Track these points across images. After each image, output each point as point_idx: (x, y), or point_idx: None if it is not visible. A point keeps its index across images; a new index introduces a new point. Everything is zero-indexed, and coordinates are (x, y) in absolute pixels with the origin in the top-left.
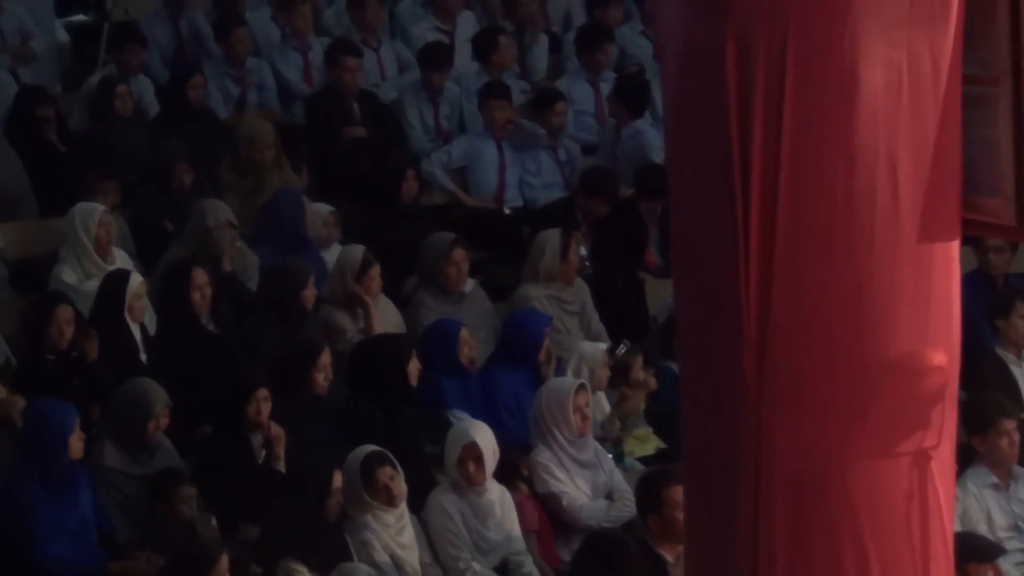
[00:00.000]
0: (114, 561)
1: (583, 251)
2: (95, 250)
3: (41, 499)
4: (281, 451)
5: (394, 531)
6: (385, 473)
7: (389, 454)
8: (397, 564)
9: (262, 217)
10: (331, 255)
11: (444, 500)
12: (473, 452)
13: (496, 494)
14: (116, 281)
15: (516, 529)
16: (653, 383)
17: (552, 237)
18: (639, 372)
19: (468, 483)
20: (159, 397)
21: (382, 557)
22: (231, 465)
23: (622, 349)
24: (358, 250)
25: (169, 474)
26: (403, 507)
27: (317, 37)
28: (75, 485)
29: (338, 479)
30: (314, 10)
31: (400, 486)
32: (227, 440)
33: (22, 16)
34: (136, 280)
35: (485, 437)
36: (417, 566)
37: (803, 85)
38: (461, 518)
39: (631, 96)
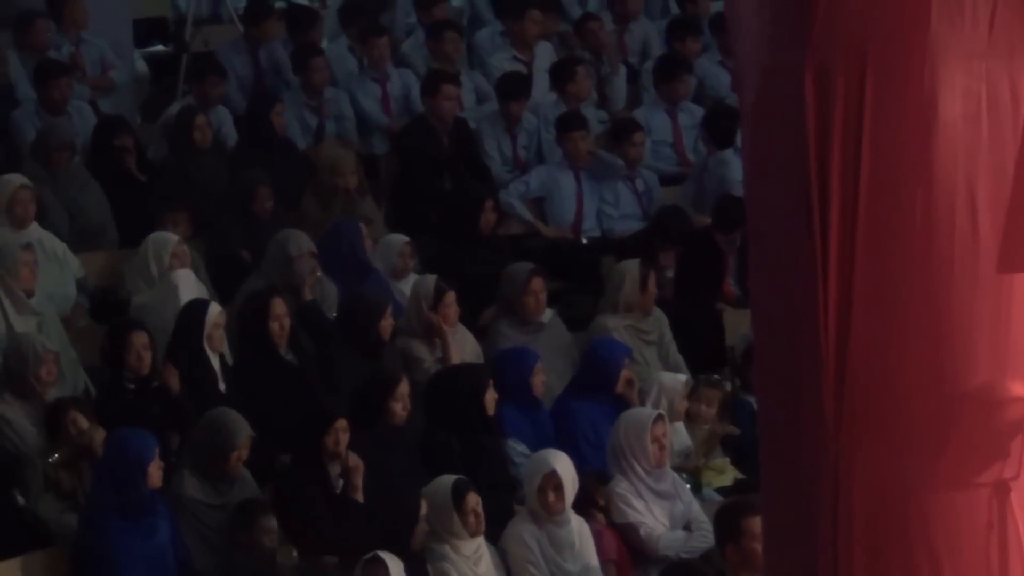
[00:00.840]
0: None
1: (669, 274)
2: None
3: (120, 528)
4: (359, 481)
5: (472, 561)
6: (473, 500)
7: (471, 482)
8: None
9: (324, 245)
10: (407, 285)
11: (522, 530)
12: (553, 481)
13: (575, 524)
14: (195, 310)
15: (594, 559)
16: (727, 426)
17: (631, 268)
18: (718, 407)
19: (547, 512)
20: (242, 428)
21: None
22: (309, 495)
23: (708, 379)
24: (431, 279)
25: (250, 505)
26: (481, 537)
27: (395, 68)
28: (154, 514)
29: (423, 508)
30: (392, 41)
31: (482, 517)
32: (305, 470)
33: (102, 47)
34: (215, 310)
35: (565, 466)
36: None
37: (882, 115)
38: (539, 548)
39: (718, 126)
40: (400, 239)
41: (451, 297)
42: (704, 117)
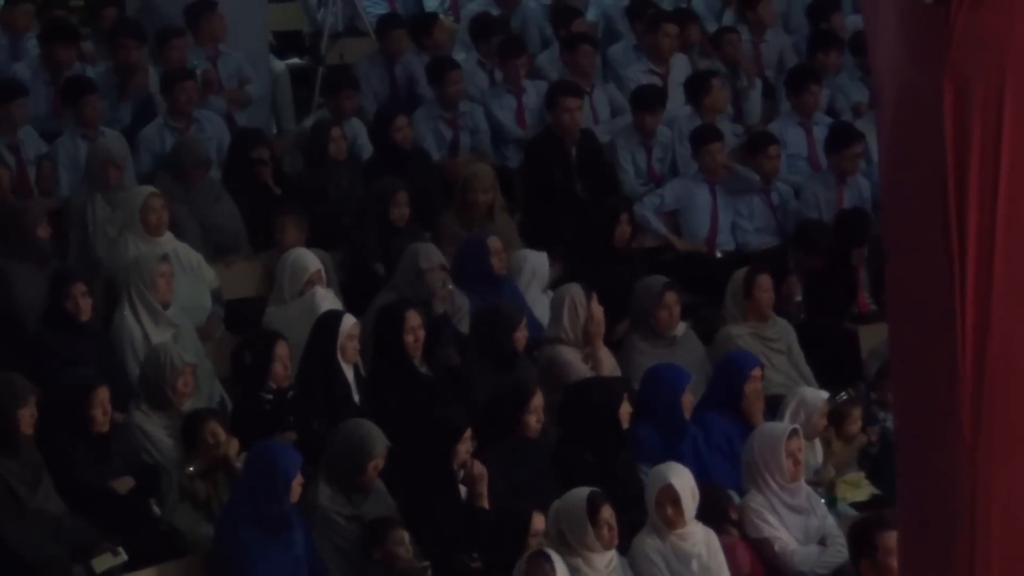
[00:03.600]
0: None
1: (798, 297)
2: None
3: (258, 540)
4: (484, 489)
5: (604, 574)
6: (607, 512)
7: (606, 494)
8: None
9: (457, 259)
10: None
11: (646, 545)
12: (670, 495)
13: (701, 537)
14: (330, 322)
15: (723, 573)
16: (864, 439)
17: (739, 275)
18: (855, 424)
19: (667, 526)
20: (379, 439)
21: None
22: (437, 506)
23: (843, 397)
24: (575, 287)
25: (383, 520)
26: (613, 551)
27: (531, 80)
28: (291, 527)
29: (539, 521)
30: (528, 57)
31: (615, 531)
32: (434, 481)
33: (239, 60)
34: (349, 321)
35: (682, 479)
36: None
37: (1021, 130)
38: (664, 562)
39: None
40: (539, 256)
41: (595, 299)
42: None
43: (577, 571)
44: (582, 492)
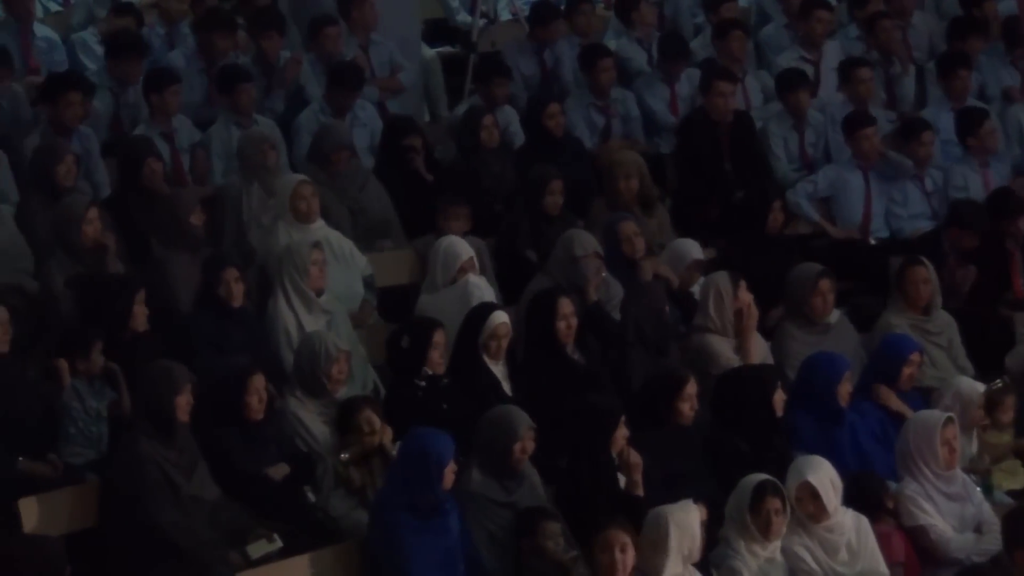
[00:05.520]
0: None
1: (966, 288)
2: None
3: (413, 527)
4: (639, 477)
5: (763, 560)
6: (772, 504)
7: (783, 487)
8: None
9: (605, 245)
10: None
11: (791, 540)
12: (808, 490)
13: (850, 524)
14: (477, 316)
15: (876, 561)
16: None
17: (894, 265)
18: (1008, 413)
19: (811, 521)
20: (521, 420)
21: None
22: (592, 494)
23: (997, 385)
24: (724, 274)
25: (534, 510)
26: (776, 544)
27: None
28: (445, 514)
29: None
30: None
31: (782, 522)
32: (591, 468)
33: (390, 48)
34: (496, 320)
35: (819, 474)
36: None
37: None
38: (810, 555)
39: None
40: (690, 252)
41: (744, 285)
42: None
43: (738, 555)
44: (752, 480)
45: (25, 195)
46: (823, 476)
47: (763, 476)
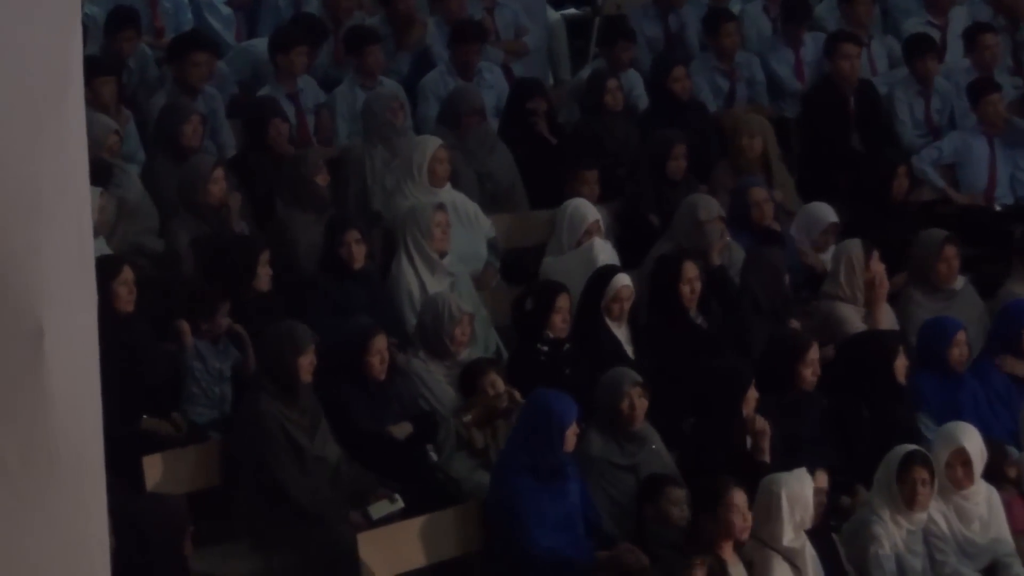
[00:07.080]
0: (600, 551)
1: None
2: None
3: (533, 489)
4: (766, 444)
5: (905, 531)
6: (920, 474)
7: (931, 459)
8: (901, 568)
9: (731, 209)
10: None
11: (930, 505)
12: (961, 457)
13: (984, 495)
14: (601, 278)
15: (1004, 531)
16: None
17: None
18: None
19: (955, 487)
20: (627, 376)
21: (886, 555)
22: (718, 459)
23: None
24: (856, 242)
25: (657, 477)
26: (921, 516)
27: (809, 32)
28: (565, 477)
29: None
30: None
31: (928, 494)
32: (715, 434)
33: (515, 11)
34: (619, 282)
35: (973, 441)
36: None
37: None
38: (945, 522)
39: None
40: (826, 216)
41: (877, 256)
42: None
43: (880, 521)
44: (902, 449)
45: (151, 155)
46: (975, 443)
47: (912, 446)
